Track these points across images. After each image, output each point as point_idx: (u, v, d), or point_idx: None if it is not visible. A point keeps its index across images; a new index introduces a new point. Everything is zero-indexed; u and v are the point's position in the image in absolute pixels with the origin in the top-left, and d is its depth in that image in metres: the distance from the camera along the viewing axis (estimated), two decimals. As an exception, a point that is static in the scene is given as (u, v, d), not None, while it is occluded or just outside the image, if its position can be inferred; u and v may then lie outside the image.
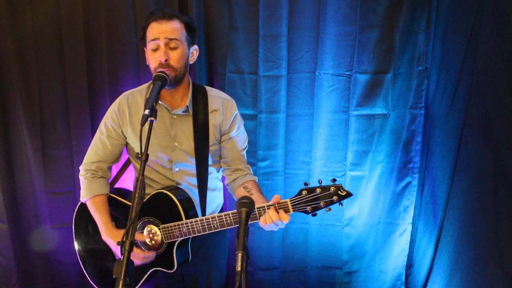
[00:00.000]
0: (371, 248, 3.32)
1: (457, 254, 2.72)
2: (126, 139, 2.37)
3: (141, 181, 1.75)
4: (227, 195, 3.14)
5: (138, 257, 2.17)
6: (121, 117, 2.31)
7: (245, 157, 2.45)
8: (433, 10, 2.93)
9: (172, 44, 2.14)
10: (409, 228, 3.26)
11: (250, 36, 2.97)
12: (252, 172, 2.43)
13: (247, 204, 1.70)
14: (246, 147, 2.46)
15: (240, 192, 2.28)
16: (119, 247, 2.17)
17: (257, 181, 2.38)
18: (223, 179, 3.13)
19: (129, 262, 1.62)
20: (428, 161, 3.14)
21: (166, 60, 2.12)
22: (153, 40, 2.14)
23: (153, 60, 2.16)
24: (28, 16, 2.95)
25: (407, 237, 3.28)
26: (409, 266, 3.36)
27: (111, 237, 2.23)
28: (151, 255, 2.22)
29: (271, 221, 1.93)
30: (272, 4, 2.91)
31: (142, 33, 2.23)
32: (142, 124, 1.83)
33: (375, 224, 3.27)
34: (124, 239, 1.64)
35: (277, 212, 1.95)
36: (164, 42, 2.13)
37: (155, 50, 2.15)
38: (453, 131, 2.77)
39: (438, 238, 2.95)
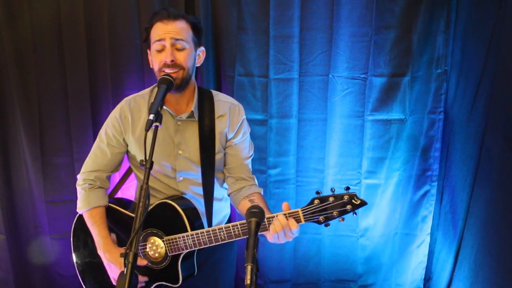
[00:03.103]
0: (388, 260, 3.36)
1: (478, 267, 2.75)
2: (127, 146, 2.40)
3: (145, 189, 1.77)
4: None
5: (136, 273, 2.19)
6: (123, 123, 2.34)
7: (250, 166, 2.47)
8: (453, 10, 2.98)
9: (179, 45, 2.17)
10: (428, 239, 3.31)
11: (260, 37, 3.02)
12: (257, 183, 2.45)
13: (257, 214, 1.71)
14: (251, 155, 2.47)
15: (244, 205, 2.27)
16: (113, 263, 2.23)
17: (262, 193, 2.40)
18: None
19: (133, 275, 1.66)
20: (447, 168, 3.18)
21: (172, 61, 2.14)
22: (159, 40, 2.16)
23: (158, 60, 2.18)
24: (26, 17, 2.99)
25: (425, 248, 3.33)
26: (428, 279, 3.41)
27: (109, 253, 2.26)
28: (143, 279, 2.27)
29: (280, 227, 1.93)
30: (283, 3, 2.96)
31: (146, 34, 2.25)
32: (147, 130, 1.84)
33: (391, 235, 3.31)
34: (127, 251, 1.67)
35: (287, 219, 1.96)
36: (170, 42, 2.15)
37: (160, 51, 2.17)
38: (474, 137, 2.80)
39: (458, 249, 2.98)
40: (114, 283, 2.27)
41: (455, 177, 3.07)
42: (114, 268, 2.26)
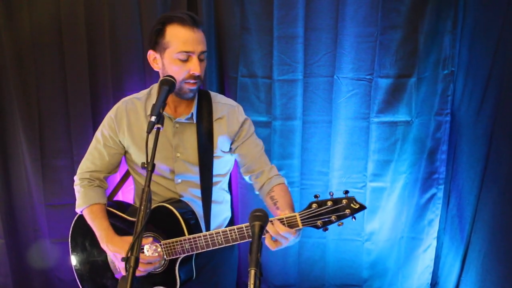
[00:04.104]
0: (394, 264, 3.38)
1: (486, 271, 2.77)
2: (124, 148, 2.42)
3: (147, 192, 1.79)
4: (239, 208, 3.25)
5: (142, 262, 2.15)
6: (119, 124, 2.37)
7: (265, 157, 2.45)
8: (460, 10, 3.00)
9: (202, 57, 2.19)
10: (434, 243, 3.34)
11: (263, 37, 3.05)
12: (277, 172, 2.42)
13: (260, 217, 1.73)
14: (262, 147, 2.47)
15: (268, 204, 2.29)
16: (118, 252, 2.24)
17: (285, 182, 2.38)
18: (235, 190, 3.19)
19: (134, 279, 1.67)
20: (454, 171, 3.20)
21: (200, 74, 2.17)
22: (186, 52, 2.13)
23: (182, 71, 2.16)
24: (26, 16, 3.03)
25: (432, 253, 3.35)
26: (434, 284, 3.43)
27: (112, 243, 2.26)
28: (156, 259, 2.23)
29: (276, 232, 1.94)
30: (288, 3, 2.98)
31: (156, 35, 2.18)
32: (148, 132, 1.86)
33: (397, 239, 3.33)
34: (128, 255, 1.69)
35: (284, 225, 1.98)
36: (198, 55, 2.16)
37: (185, 61, 2.15)
38: (481, 139, 2.82)
39: (465, 253, 2.99)
40: (123, 272, 2.27)
41: (462, 180, 3.08)
42: (120, 256, 2.26)
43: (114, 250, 2.26)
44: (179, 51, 2.14)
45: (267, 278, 3.44)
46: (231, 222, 2.70)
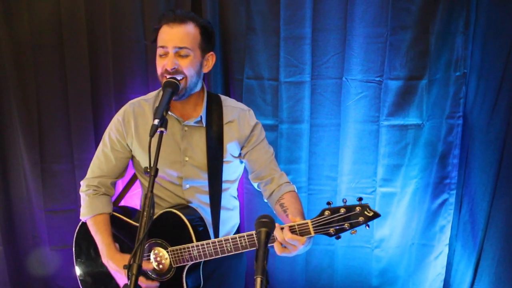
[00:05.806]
0: (404, 272, 3.39)
1: (499, 279, 2.78)
2: (132, 151, 2.45)
3: (150, 198, 1.82)
4: (244, 214, 3.27)
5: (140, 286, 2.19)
6: (126, 127, 2.40)
7: (275, 163, 2.47)
8: (472, 10, 3.01)
9: (182, 52, 2.19)
10: (446, 250, 3.34)
11: (270, 38, 3.07)
12: (287, 179, 2.44)
13: (266, 223, 1.74)
14: (272, 153, 2.49)
15: (278, 211, 2.30)
16: (118, 271, 2.29)
17: (295, 190, 2.40)
18: (241, 195, 3.21)
19: (137, 287, 1.71)
20: (466, 176, 3.21)
21: (173, 68, 2.17)
22: (162, 47, 2.20)
23: (160, 65, 2.21)
24: (25, 16, 3.06)
25: (444, 260, 3.35)
26: (446, 292, 3.44)
27: (113, 260, 2.31)
28: (154, 285, 2.30)
29: (282, 238, 1.95)
30: (295, 3, 3.01)
31: (155, 35, 2.26)
32: (151, 136, 1.89)
33: (408, 246, 3.34)
34: (131, 262, 1.72)
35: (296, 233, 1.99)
36: (173, 50, 2.18)
37: (163, 56, 2.21)
38: (494, 143, 2.84)
39: (477, 261, 3.01)
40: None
41: (474, 185, 3.10)
42: (120, 276, 2.32)
43: (115, 269, 2.32)
44: (158, 47, 2.24)
45: (274, 286, 3.44)
46: (239, 229, 2.73)
